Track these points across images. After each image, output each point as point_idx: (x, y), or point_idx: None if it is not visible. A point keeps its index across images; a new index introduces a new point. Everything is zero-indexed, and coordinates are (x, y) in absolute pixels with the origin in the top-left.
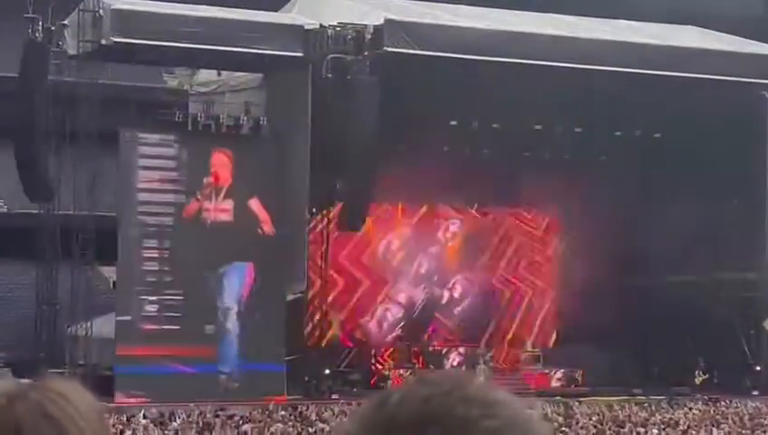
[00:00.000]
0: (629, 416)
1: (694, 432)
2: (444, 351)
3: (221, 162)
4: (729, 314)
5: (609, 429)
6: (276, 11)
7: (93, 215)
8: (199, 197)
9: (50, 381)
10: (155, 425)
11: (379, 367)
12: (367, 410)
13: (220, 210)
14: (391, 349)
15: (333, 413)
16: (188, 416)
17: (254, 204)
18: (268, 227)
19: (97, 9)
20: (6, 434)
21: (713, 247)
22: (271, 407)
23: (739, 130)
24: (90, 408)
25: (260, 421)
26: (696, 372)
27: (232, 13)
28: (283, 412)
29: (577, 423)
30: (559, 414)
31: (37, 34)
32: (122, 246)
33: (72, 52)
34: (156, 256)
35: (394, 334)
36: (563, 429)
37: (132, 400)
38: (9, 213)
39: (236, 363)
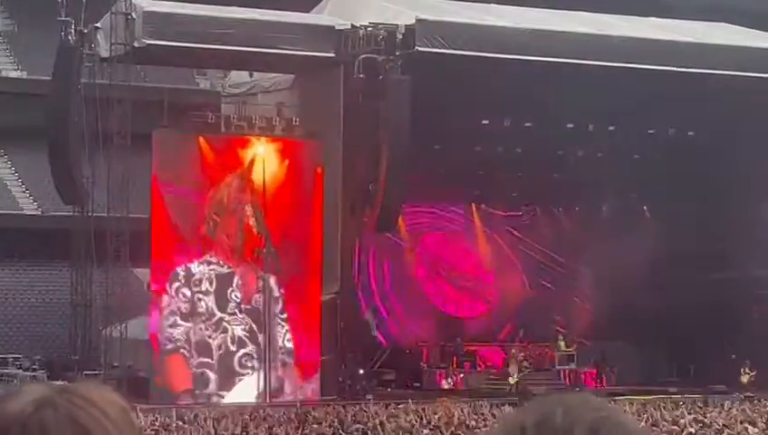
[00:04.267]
0: (663, 415)
1: (730, 431)
2: (477, 350)
3: None
4: (766, 312)
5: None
6: (308, 12)
7: (127, 217)
8: None
9: (77, 385)
10: (191, 426)
11: (414, 367)
12: (528, 423)
13: None
14: (426, 348)
15: (368, 414)
16: (225, 417)
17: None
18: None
19: (129, 12)
20: None
21: (749, 245)
22: (306, 408)
23: None
24: (117, 411)
25: (295, 421)
26: (742, 370)
27: (263, 14)
28: (317, 413)
29: None
30: None
31: (70, 37)
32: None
33: (104, 54)
34: None
35: (428, 333)
36: None
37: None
38: (43, 215)
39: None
